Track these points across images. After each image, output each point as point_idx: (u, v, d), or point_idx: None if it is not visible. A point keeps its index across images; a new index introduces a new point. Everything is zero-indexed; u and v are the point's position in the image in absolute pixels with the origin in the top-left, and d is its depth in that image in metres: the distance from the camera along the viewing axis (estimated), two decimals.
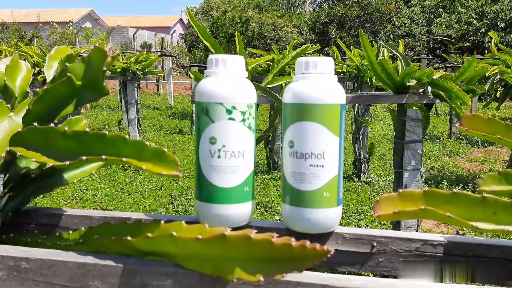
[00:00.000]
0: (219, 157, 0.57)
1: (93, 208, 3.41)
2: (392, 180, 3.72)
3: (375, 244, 0.58)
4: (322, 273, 0.47)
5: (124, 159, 0.48)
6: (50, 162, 0.53)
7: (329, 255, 0.40)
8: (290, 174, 0.58)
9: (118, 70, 4.36)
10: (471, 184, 3.59)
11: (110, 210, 3.33)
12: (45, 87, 0.59)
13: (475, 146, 5.17)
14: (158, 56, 6.25)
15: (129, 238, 0.49)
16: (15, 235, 0.63)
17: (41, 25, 18.01)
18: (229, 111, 0.57)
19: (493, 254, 0.55)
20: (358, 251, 0.58)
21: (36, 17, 21.02)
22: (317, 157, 0.56)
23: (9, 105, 0.68)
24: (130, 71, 4.34)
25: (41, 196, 3.75)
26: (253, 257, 0.44)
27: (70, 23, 17.38)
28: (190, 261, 0.47)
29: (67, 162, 0.51)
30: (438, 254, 0.56)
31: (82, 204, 3.49)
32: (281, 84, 2.96)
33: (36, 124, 0.56)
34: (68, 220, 0.66)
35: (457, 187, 3.54)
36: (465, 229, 2.80)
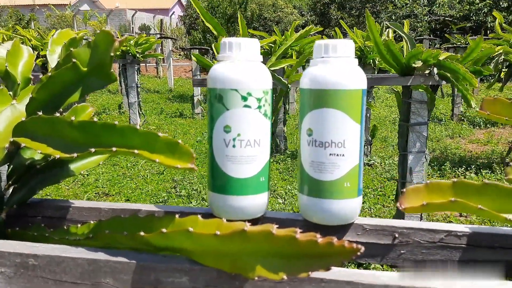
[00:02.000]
0: (234, 146, 0.55)
1: (95, 193, 3.40)
2: (395, 162, 3.70)
3: (396, 235, 0.56)
4: (347, 269, 0.44)
5: (135, 151, 0.45)
6: (57, 154, 0.50)
7: (359, 253, 0.38)
8: (309, 164, 0.55)
9: (118, 53, 4.29)
10: (473, 166, 3.56)
11: (113, 195, 3.32)
12: (49, 73, 0.56)
13: (477, 127, 5.14)
14: (158, 38, 6.17)
15: (142, 233, 0.46)
16: (21, 228, 0.61)
17: (38, 7, 17.81)
18: (244, 98, 0.54)
19: None
20: (379, 242, 0.56)
21: (31, 0, 20.77)
22: (337, 145, 0.53)
23: (11, 93, 0.65)
24: (130, 54, 4.29)
25: None
26: (276, 254, 0.41)
27: (68, 5, 17.17)
28: (208, 257, 0.45)
29: (75, 154, 0.49)
30: (463, 245, 0.54)
31: (84, 189, 3.48)
32: (284, 66, 2.92)
33: (40, 113, 0.53)
34: (75, 213, 0.63)
35: (459, 168, 3.52)
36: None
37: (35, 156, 0.63)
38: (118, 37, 0.53)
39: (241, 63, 0.55)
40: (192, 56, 5.32)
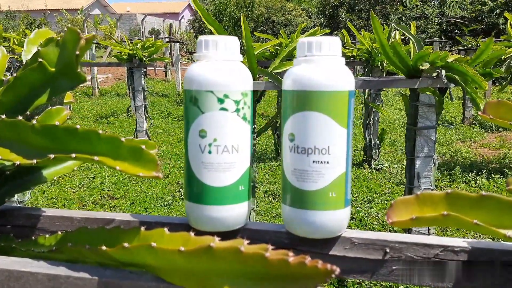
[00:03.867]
0: (210, 152, 0.50)
1: (101, 196, 3.38)
2: (404, 166, 3.64)
3: (388, 250, 0.51)
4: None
5: (95, 157, 0.42)
6: (18, 161, 0.46)
7: (333, 275, 0.33)
8: (291, 172, 0.51)
9: (125, 57, 4.28)
10: (485, 170, 3.49)
11: (118, 198, 3.30)
12: (15, 74, 0.53)
13: (489, 131, 5.05)
14: (166, 42, 6.16)
15: (104, 248, 0.43)
16: None
17: (49, 12, 17.98)
18: (220, 100, 0.49)
19: None
20: (368, 257, 0.52)
21: (44, 4, 20.97)
22: (321, 152, 0.49)
23: None
24: (137, 57, 4.27)
25: (49, 184, 3.72)
26: (245, 274, 0.37)
27: (80, 10, 17.29)
28: (173, 275, 0.41)
29: (34, 161, 0.45)
30: (461, 261, 0.49)
31: (90, 192, 3.46)
32: (288, 69, 2.88)
33: (4, 116, 0.50)
34: (47, 222, 0.59)
35: (470, 173, 3.44)
36: None
37: (5, 162, 0.60)
38: (84, 36, 0.49)
39: (218, 63, 0.51)
40: None
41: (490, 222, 0.39)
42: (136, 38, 8.27)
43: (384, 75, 3.52)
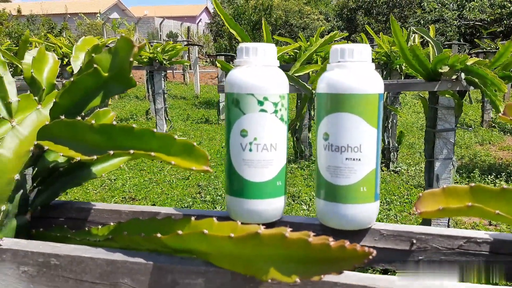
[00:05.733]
0: (250, 150, 0.55)
1: (122, 198, 3.45)
2: (422, 169, 3.64)
3: (414, 241, 0.55)
4: (361, 273, 0.44)
5: (152, 153, 0.46)
6: (78, 157, 0.52)
7: (370, 257, 0.37)
8: (325, 168, 0.55)
9: (145, 60, 4.37)
10: (504, 173, 3.48)
11: (139, 200, 3.37)
12: (72, 79, 0.58)
13: (508, 134, 5.01)
14: (184, 45, 6.25)
15: (159, 235, 0.47)
16: (44, 229, 0.62)
17: (69, 16, 18.28)
18: (260, 103, 0.54)
19: None
20: (396, 248, 0.56)
21: (63, 9, 21.34)
22: (353, 150, 0.53)
23: (36, 98, 0.67)
24: (157, 60, 4.35)
25: None
26: (289, 257, 0.42)
27: (98, 14, 17.56)
28: (222, 259, 0.45)
29: (95, 157, 0.50)
30: (483, 252, 0.53)
31: (111, 194, 3.54)
32: (308, 72, 2.92)
33: (63, 117, 0.55)
34: (97, 215, 0.65)
35: (489, 176, 3.44)
36: None
37: (58, 159, 0.65)
38: (138, 43, 0.54)
39: (258, 68, 0.56)
40: (217, 62, 5.37)
41: (511, 213, 0.43)
42: (155, 41, 8.39)
43: (402, 78, 3.53)
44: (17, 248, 0.51)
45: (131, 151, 0.47)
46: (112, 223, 0.58)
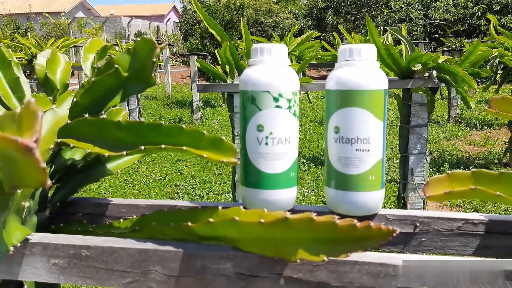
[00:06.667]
0: (266, 144, 0.59)
1: None
2: (394, 164, 3.75)
3: (418, 224, 0.60)
4: (379, 253, 0.49)
5: (183, 147, 0.50)
6: (106, 153, 0.54)
7: (394, 234, 0.42)
8: (336, 159, 0.59)
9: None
10: (471, 167, 3.62)
11: None
12: (92, 79, 0.61)
13: (474, 129, 5.21)
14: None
15: (189, 224, 0.51)
16: (64, 225, 0.65)
17: (33, 16, 17.83)
18: (276, 99, 0.58)
19: None
20: (401, 231, 0.61)
21: (27, 8, 20.80)
22: (363, 141, 0.58)
23: (51, 98, 0.69)
24: None
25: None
26: (316, 239, 0.46)
27: (63, 13, 17.20)
28: (251, 244, 0.49)
29: (124, 152, 0.53)
30: (480, 232, 0.59)
31: (87, 196, 3.51)
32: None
33: (86, 115, 0.57)
34: (114, 209, 0.67)
35: (458, 169, 3.58)
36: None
37: (75, 156, 0.67)
38: (157, 44, 0.57)
39: (272, 67, 0.60)
40: (195, 62, 5.37)
41: (509, 193, 0.49)
42: (124, 41, 8.29)
43: None
44: (47, 242, 0.54)
45: (163, 146, 0.50)
46: (134, 216, 0.61)
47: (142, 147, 0.52)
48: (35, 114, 0.30)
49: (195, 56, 5.65)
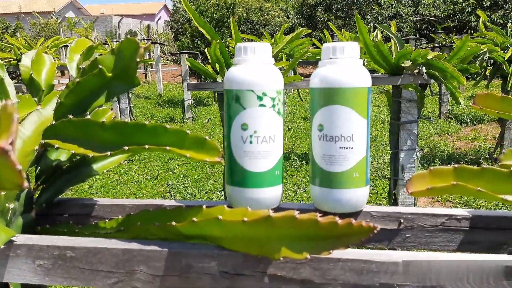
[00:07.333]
0: (251, 142, 0.59)
1: None
2: (386, 161, 3.77)
3: (402, 220, 0.61)
4: (361, 249, 0.49)
5: (167, 147, 0.50)
6: (90, 153, 0.54)
7: (375, 231, 0.42)
8: (320, 157, 0.60)
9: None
10: (462, 162, 3.65)
11: None
12: (76, 79, 0.60)
13: (465, 124, 5.24)
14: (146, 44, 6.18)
15: (173, 223, 0.51)
16: (50, 226, 0.64)
17: (23, 15, 17.69)
18: (260, 98, 0.58)
19: None
20: (386, 228, 0.61)
21: (17, 8, 20.64)
22: (346, 139, 0.58)
23: (36, 99, 0.69)
24: None
25: None
26: (299, 236, 0.46)
27: (53, 12, 17.08)
28: (235, 243, 0.49)
29: (109, 153, 0.53)
30: (463, 228, 0.59)
31: (79, 196, 3.49)
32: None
33: (71, 116, 0.57)
34: (101, 210, 0.67)
35: (449, 165, 3.59)
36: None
37: (61, 157, 0.67)
38: (142, 44, 0.57)
39: (256, 66, 0.60)
40: (185, 61, 5.36)
41: (490, 189, 0.49)
42: (114, 40, 8.25)
43: None
44: (32, 243, 0.54)
45: (146, 146, 0.51)
46: (119, 217, 0.61)
47: (126, 148, 0.52)
48: (11, 116, 0.30)
49: (186, 55, 5.64)
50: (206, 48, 2.18)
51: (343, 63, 0.59)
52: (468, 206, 2.82)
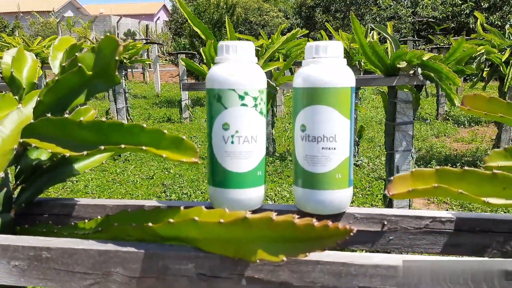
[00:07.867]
0: (232, 142, 0.58)
1: None
2: (382, 162, 3.76)
3: (385, 222, 0.60)
4: (341, 252, 0.48)
5: (143, 147, 0.49)
6: (67, 153, 0.53)
7: (351, 234, 0.41)
8: (303, 158, 0.59)
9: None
10: (459, 164, 3.64)
11: None
12: (56, 77, 0.59)
13: (462, 126, 5.24)
14: (144, 44, 6.18)
15: (150, 224, 0.50)
16: (29, 226, 0.63)
17: (21, 15, 17.67)
18: (241, 97, 0.57)
19: (500, 229, 0.57)
20: (369, 230, 0.60)
21: (16, 7, 20.61)
22: (329, 140, 0.57)
23: (16, 97, 0.68)
24: None
25: None
26: (276, 238, 0.45)
27: (52, 12, 17.06)
28: (212, 244, 0.48)
29: (85, 152, 0.52)
30: (447, 230, 0.58)
31: (74, 196, 3.48)
32: (271, 69, 2.96)
33: (49, 115, 0.56)
34: (81, 210, 0.66)
35: (445, 167, 3.59)
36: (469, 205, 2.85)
37: (41, 156, 0.66)
38: (122, 43, 0.56)
39: (238, 65, 0.59)
40: (180, 61, 5.35)
41: (472, 191, 0.48)
42: None
43: (361, 74, 3.63)
44: (7, 243, 0.53)
45: (122, 146, 0.50)
46: (99, 217, 0.60)
47: (102, 147, 0.51)
48: None
49: (184, 55, 5.63)
50: (201, 48, 2.17)
51: (326, 62, 0.58)
52: (464, 208, 2.82)
